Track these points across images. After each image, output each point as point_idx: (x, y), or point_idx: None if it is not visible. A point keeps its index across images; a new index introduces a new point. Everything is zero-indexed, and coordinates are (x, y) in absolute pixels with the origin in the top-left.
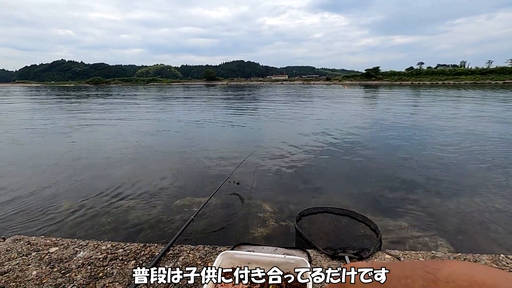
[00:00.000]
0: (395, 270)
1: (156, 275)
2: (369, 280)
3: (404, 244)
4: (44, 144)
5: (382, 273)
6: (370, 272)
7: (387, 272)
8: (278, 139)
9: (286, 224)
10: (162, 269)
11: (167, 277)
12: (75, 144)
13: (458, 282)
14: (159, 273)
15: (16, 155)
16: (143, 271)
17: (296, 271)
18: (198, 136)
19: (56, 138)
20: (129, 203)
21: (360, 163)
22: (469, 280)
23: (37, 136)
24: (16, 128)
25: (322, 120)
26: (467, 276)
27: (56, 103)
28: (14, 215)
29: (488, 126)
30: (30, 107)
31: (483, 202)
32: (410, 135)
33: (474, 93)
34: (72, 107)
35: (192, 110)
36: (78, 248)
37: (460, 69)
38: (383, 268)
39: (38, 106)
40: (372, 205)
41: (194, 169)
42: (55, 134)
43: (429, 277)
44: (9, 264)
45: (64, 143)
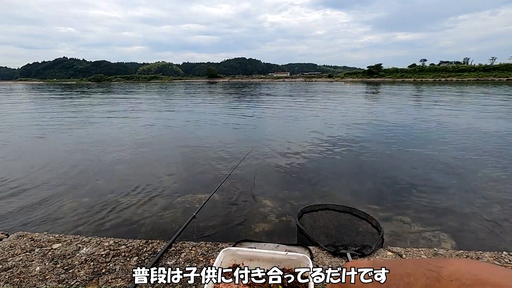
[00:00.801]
0: (397, 268)
1: (156, 275)
2: (369, 280)
3: (406, 241)
4: (50, 141)
5: (382, 273)
6: (370, 272)
7: (387, 272)
8: (280, 136)
9: (288, 221)
10: (162, 269)
11: (167, 277)
12: (76, 143)
13: (461, 280)
14: (159, 273)
15: (19, 152)
16: (143, 271)
17: (296, 271)
18: (200, 134)
19: (59, 135)
20: (131, 200)
21: (362, 160)
22: (472, 278)
23: (44, 133)
24: (22, 125)
25: (324, 116)
26: (471, 274)
27: (60, 101)
28: (18, 212)
29: (492, 123)
30: (37, 105)
31: (485, 198)
32: (412, 132)
33: (477, 90)
34: (75, 105)
35: (194, 107)
36: (81, 244)
37: (463, 66)
38: (383, 268)
39: (44, 103)
40: (374, 202)
41: (195, 166)
42: (59, 131)
43: (432, 275)
44: (13, 260)
45: (67, 141)
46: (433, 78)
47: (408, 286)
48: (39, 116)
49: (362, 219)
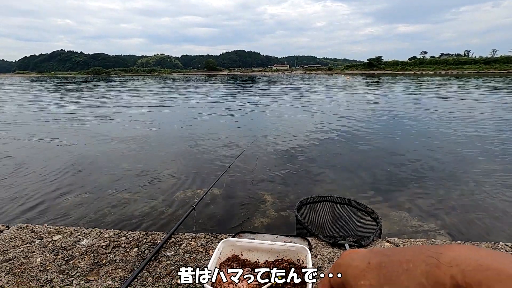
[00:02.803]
0: (396, 254)
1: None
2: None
3: (404, 233)
4: (51, 136)
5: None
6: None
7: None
8: (279, 129)
9: (287, 214)
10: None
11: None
12: (78, 138)
13: (462, 266)
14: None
15: (19, 148)
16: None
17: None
18: (199, 128)
19: (61, 131)
20: (130, 194)
21: (361, 153)
22: (473, 264)
23: (47, 127)
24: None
25: (323, 109)
26: (472, 260)
27: (60, 95)
28: (18, 205)
29: (491, 114)
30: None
31: (483, 191)
32: (411, 125)
33: (477, 82)
34: (75, 100)
35: (193, 100)
36: (81, 236)
37: (463, 58)
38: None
39: (44, 98)
40: (372, 194)
41: (195, 161)
42: (62, 126)
43: (432, 262)
44: (14, 251)
45: (69, 136)
46: (433, 70)
47: (407, 273)
48: (39, 112)
49: (360, 211)
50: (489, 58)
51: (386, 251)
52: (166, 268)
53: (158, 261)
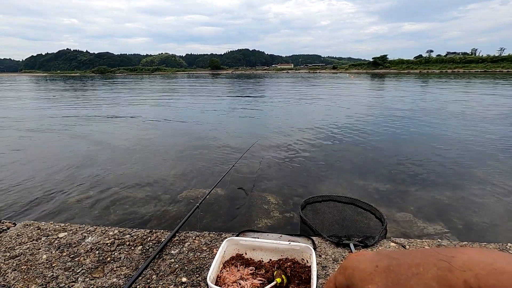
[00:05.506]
0: (405, 257)
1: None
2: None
3: (410, 233)
4: (57, 136)
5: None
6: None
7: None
8: (283, 129)
9: (290, 214)
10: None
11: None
12: (80, 138)
13: (475, 270)
14: None
15: (27, 146)
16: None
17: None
18: (203, 127)
19: (65, 131)
20: (135, 193)
21: (366, 153)
22: (487, 268)
23: (53, 127)
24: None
25: (327, 109)
26: (485, 263)
27: (66, 94)
28: (25, 202)
29: (498, 114)
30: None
31: (490, 192)
32: (417, 125)
33: (485, 81)
34: (79, 100)
35: (197, 99)
36: (86, 233)
37: (470, 57)
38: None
39: (54, 97)
40: (377, 195)
41: (199, 160)
42: (66, 126)
43: (443, 265)
44: (20, 248)
45: (74, 136)
46: (439, 69)
47: (417, 277)
48: (52, 109)
49: (365, 211)
50: (497, 57)
51: (395, 254)
52: (170, 266)
53: (163, 259)
